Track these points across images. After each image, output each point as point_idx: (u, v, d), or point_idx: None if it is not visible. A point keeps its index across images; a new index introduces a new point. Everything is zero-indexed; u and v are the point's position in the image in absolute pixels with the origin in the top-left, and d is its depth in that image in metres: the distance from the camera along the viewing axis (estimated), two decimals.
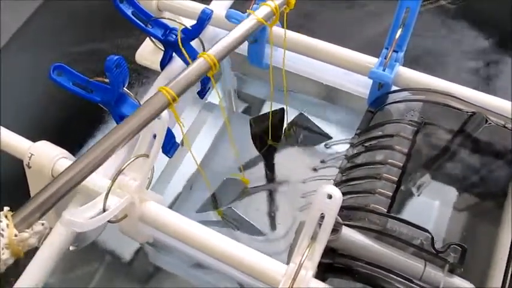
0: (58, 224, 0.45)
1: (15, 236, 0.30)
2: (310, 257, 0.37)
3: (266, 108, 0.69)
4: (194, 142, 0.66)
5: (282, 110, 0.60)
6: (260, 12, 0.44)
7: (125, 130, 0.36)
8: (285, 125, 0.62)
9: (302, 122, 0.63)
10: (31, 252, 0.44)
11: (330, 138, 0.62)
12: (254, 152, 0.63)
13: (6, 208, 0.31)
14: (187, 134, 0.65)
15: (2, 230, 0.30)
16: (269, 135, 0.61)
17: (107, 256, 0.62)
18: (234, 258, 0.39)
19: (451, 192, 0.51)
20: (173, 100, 0.37)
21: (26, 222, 0.31)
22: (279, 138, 0.62)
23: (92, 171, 0.34)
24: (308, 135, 0.63)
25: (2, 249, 0.29)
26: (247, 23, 0.44)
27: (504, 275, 0.39)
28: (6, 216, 0.30)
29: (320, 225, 0.37)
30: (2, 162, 0.61)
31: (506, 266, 0.39)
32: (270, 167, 0.63)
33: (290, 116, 0.63)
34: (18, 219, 0.31)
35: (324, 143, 0.63)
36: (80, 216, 0.37)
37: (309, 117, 0.64)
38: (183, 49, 0.49)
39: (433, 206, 0.54)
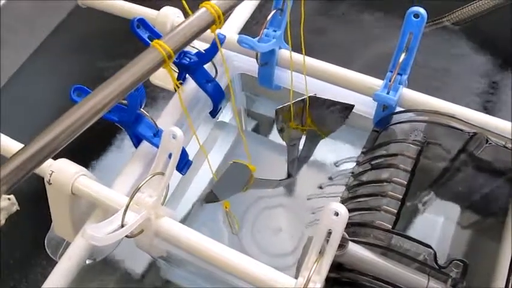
0: (78, 237, 0.47)
1: None
2: (318, 271, 0.38)
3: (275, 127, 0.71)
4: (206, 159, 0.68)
5: (304, 100, 0.55)
6: None
7: (115, 88, 0.32)
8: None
9: (316, 102, 0.56)
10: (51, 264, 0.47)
11: (352, 106, 0.55)
12: (264, 169, 0.65)
13: None
14: (199, 152, 0.67)
15: None
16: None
17: (117, 271, 0.64)
18: (245, 272, 0.41)
19: (454, 209, 0.52)
20: (169, 57, 0.31)
21: None
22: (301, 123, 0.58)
23: (77, 132, 0.30)
24: (329, 113, 0.56)
25: None
26: None
27: None
28: None
29: (327, 241, 0.39)
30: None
31: (507, 281, 0.41)
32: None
33: None
34: None
35: (331, 162, 0.64)
36: (100, 231, 0.39)
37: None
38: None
39: (437, 223, 0.55)
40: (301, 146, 0.61)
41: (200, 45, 0.54)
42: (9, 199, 0.29)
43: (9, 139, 0.51)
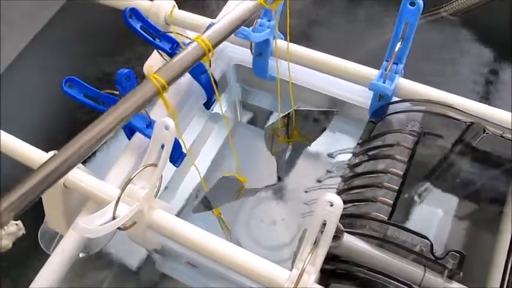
0: (70, 231, 0.46)
1: None
2: (312, 263, 0.38)
3: (272, 118, 0.70)
4: (200, 152, 0.68)
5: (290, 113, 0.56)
6: None
7: (111, 120, 0.34)
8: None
9: (301, 115, 0.58)
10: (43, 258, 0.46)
11: (337, 111, 0.57)
12: (259, 161, 0.65)
13: None
14: (193, 144, 0.66)
15: None
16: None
17: (114, 264, 0.63)
18: (239, 264, 0.41)
19: (451, 201, 0.52)
20: (163, 88, 0.34)
21: None
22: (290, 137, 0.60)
23: (77, 162, 0.32)
24: (313, 123, 0.58)
25: None
26: (246, 5, 0.40)
27: (501, 282, 0.40)
28: None
29: (322, 232, 0.38)
30: (3, 166, 0.63)
31: (503, 273, 0.40)
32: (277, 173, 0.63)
33: None
34: None
35: (327, 153, 0.64)
36: (92, 223, 0.38)
37: None
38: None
39: (434, 214, 0.55)
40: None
41: (194, 35, 0.53)
42: (16, 224, 0.30)
43: (8, 135, 0.50)
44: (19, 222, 0.30)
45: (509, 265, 0.40)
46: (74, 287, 0.61)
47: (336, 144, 0.65)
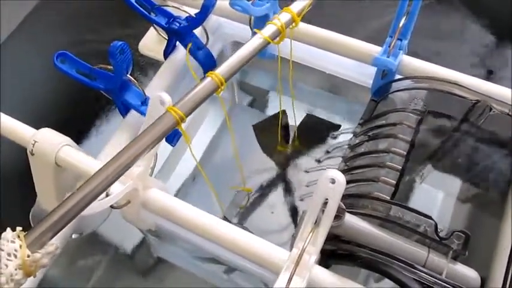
0: None
1: (28, 256, 0.30)
2: (313, 242, 0.37)
3: (271, 99, 0.69)
4: (196, 134, 0.66)
5: (284, 112, 0.59)
6: (266, 31, 0.44)
7: (135, 150, 0.36)
8: (293, 129, 0.62)
9: (311, 122, 0.62)
10: None
11: (339, 126, 0.61)
12: (256, 145, 0.63)
13: (18, 228, 0.31)
14: (189, 126, 0.65)
15: (15, 251, 0.30)
16: (277, 140, 0.62)
17: (109, 248, 0.62)
18: (237, 244, 0.39)
19: (455, 182, 0.51)
20: (181, 120, 0.38)
21: (39, 242, 0.31)
22: (287, 142, 0.62)
23: (100, 193, 0.34)
24: (318, 134, 0.62)
25: (15, 270, 0.30)
26: (254, 42, 0.43)
27: (507, 264, 0.39)
28: (19, 237, 0.30)
29: (323, 211, 0.37)
30: (2, 157, 0.62)
31: (510, 256, 0.39)
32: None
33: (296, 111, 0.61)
34: (31, 240, 0.31)
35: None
36: None
37: (313, 108, 0.64)
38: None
39: (437, 197, 0.54)
40: None
41: (190, 11, 0.52)
42: (54, 244, 0.32)
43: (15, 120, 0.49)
44: (56, 242, 0.33)
45: None
46: (67, 272, 0.60)
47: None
